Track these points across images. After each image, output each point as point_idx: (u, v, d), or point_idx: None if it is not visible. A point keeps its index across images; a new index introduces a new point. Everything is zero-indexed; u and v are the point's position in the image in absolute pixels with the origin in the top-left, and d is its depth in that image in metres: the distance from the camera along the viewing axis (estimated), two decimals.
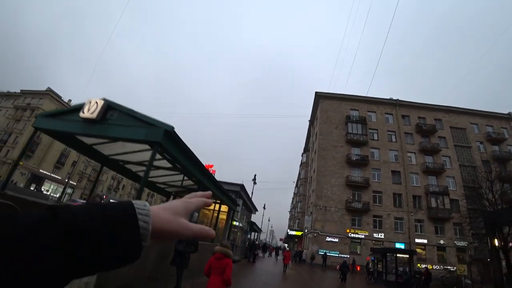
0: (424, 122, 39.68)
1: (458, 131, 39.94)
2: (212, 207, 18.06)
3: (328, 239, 33.29)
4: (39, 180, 51.73)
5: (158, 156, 8.49)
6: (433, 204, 34.44)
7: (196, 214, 18.07)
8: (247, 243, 24.44)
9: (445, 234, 33.92)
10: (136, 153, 9.85)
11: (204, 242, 11.45)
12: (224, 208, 17.04)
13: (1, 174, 47.09)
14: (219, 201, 16.25)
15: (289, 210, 74.05)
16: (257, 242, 24.91)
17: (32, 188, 48.22)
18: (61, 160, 55.38)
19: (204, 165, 19.95)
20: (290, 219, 67.29)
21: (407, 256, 20.93)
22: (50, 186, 53.75)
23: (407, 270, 19.51)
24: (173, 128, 7.09)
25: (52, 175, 53.48)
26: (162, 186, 16.63)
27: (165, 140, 7.14)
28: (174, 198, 19.11)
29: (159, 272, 7.62)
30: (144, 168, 11.52)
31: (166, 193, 17.90)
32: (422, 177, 36.50)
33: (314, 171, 39.44)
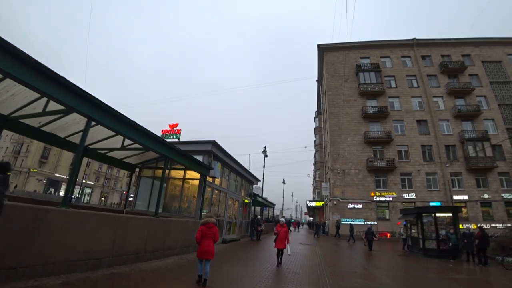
0: (450, 60, 32.18)
1: (492, 66, 32.18)
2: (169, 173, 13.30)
3: (350, 206, 27.85)
4: (56, 184, 50.34)
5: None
6: (471, 153, 27.85)
7: (164, 184, 13.51)
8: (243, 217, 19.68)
9: (489, 187, 27.52)
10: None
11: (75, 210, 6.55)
12: (196, 175, 12.24)
13: (17, 183, 46.05)
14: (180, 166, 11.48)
15: (312, 183, 68.71)
16: (259, 217, 20.10)
17: (49, 193, 46.96)
18: None
19: (168, 124, 15.17)
20: (313, 191, 62.01)
21: (450, 215, 15.32)
22: None
23: (452, 233, 13.88)
24: None
25: (67, 177, 51.65)
26: (116, 156, 12.24)
27: None
28: (140, 172, 14.62)
29: None
30: None
31: (129, 166, 13.44)
32: (455, 123, 29.72)
33: (327, 132, 33.54)
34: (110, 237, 6.58)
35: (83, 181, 50.98)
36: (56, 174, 49.93)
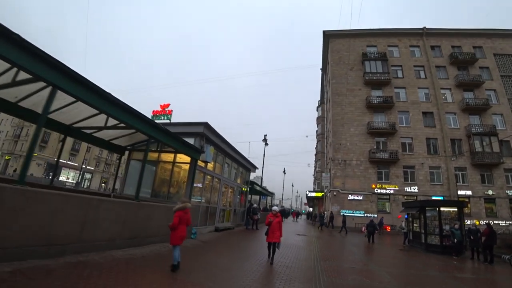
0: (460, 51, 30.73)
1: (504, 59, 30.68)
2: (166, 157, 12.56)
3: (351, 197, 27.06)
4: (56, 169, 49.81)
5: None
6: (478, 148, 26.82)
7: (154, 168, 12.80)
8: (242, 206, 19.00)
9: (494, 183, 26.61)
10: None
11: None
12: (187, 159, 11.43)
13: (17, 167, 45.73)
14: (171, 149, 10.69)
15: (312, 173, 68.03)
16: (255, 205, 19.40)
17: (49, 177, 46.48)
18: (75, 147, 53.10)
19: (159, 105, 14.32)
20: (313, 182, 61.36)
21: (455, 209, 14.49)
22: (68, 173, 51.77)
23: (457, 229, 13.00)
24: None
25: (68, 162, 51.47)
26: (104, 138, 11.47)
27: None
28: (130, 155, 13.89)
29: None
30: None
31: (119, 148, 12.68)
32: (462, 117, 28.56)
33: (329, 122, 32.50)
34: (79, 221, 5.83)
35: (83, 166, 50.61)
36: (56, 159, 49.47)
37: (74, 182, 47.68)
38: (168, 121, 13.71)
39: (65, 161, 51.00)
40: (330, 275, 6.75)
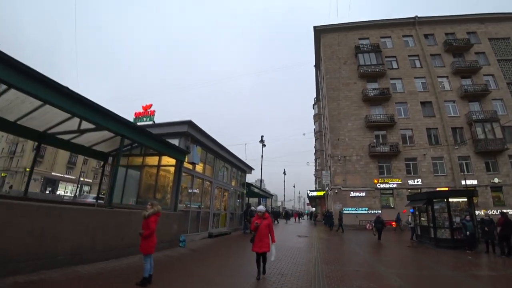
0: (454, 38, 29.88)
1: (500, 42, 29.84)
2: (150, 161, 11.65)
3: (353, 194, 26.02)
4: (53, 183, 49.06)
5: None
6: (480, 135, 25.85)
7: (138, 173, 11.87)
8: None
9: (499, 171, 25.51)
10: None
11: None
12: (172, 161, 10.48)
13: (14, 183, 44.87)
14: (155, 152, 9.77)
15: (313, 173, 66.94)
16: (252, 207, 18.37)
17: (47, 192, 45.53)
18: (72, 160, 52.15)
19: (141, 106, 13.40)
20: (314, 181, 60.27)
21: (464, 199, 13.44)
22: (66, 187, 50.87)
23: (469, 221, 11.90)
24: None
25: (65, 176, 50.60)
26: (84, 144, 10.63)
27: None
28: (113, 161, 12.99)
29: None
30: None
31: (101, 155, 11.85)
32: (461, 104, 27.58)
33: (326, 118, 31.57)
34: (34, 233, 4.96)
35: (81, 178, 49.63)
36: (52, 173, 48.67)
37: (72, 195, 46.74)
38: (151, 122, 12.83)
39: (62, 175, 50.26)
40: (331, 282, 5.77)
